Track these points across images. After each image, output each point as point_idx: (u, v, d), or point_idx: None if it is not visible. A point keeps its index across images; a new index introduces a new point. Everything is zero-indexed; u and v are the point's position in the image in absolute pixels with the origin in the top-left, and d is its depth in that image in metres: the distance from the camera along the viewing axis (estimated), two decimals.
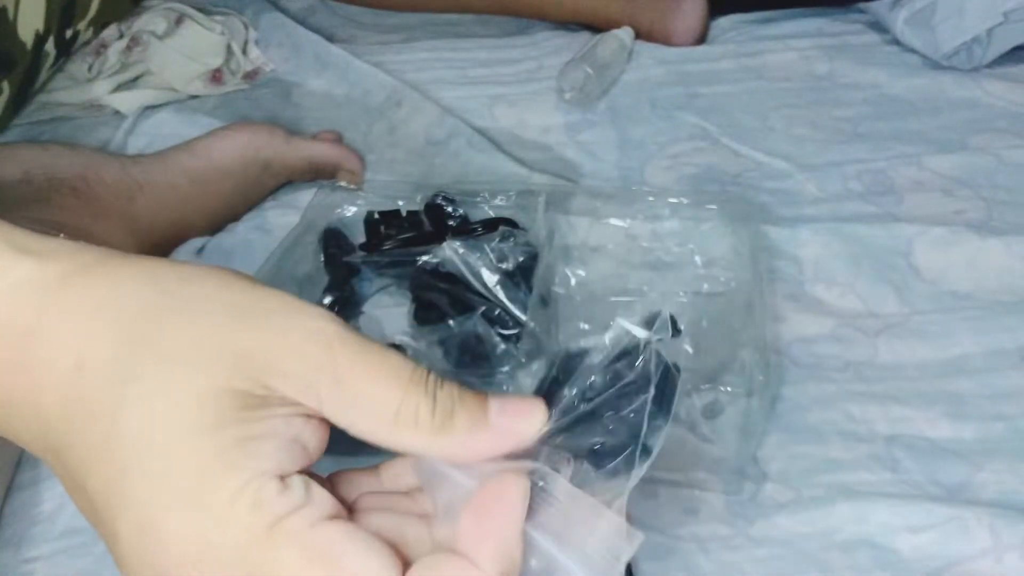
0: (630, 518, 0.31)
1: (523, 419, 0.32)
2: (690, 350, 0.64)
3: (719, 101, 0.93)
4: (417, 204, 0.76)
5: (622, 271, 0.72)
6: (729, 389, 0.64)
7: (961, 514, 0.56)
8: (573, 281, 0.71)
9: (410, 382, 0.31)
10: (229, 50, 0.97)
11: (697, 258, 0.74)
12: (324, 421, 0.32)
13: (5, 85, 0.80)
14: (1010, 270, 0.74)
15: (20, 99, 0.86)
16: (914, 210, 0.79)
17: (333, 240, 0.74)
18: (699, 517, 0.58)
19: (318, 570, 0.29)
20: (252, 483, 0.29)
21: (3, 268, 0.32)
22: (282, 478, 0.30)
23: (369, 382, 0.31)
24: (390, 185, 0.80)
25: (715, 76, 0.96)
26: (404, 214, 0.75)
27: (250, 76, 0.98)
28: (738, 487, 0.59)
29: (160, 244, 0.75)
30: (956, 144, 0.86)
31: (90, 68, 0.94)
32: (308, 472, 0.32)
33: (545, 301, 0.66)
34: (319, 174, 0.83)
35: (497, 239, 0.67)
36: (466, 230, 0.72)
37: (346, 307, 0.70)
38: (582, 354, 0.33)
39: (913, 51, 0.97)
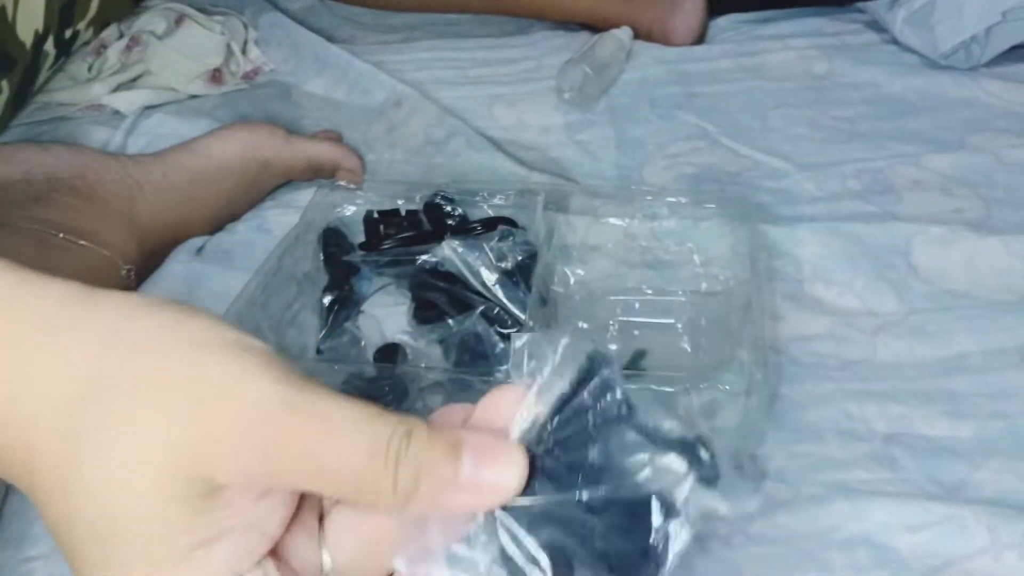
0: None
1: (500, 472, 0.29)
2: (688, 348, 0.64)
3: (718, 101, 0.93)
4: (416, 203, 0.76)
5: (621, 270, 0.73)
6: (727, 388, 0.64)
7: (959, 513, 0.56)
8: (572, 280, 0.71)
9: (367, 457, 0.28)
10: (229, 50, 0.97)
11: (696, 257, 0.74)
12: (284, 492, 0.30)
13: (4, 85, 0.80)
14: (1009, 269, 0.74)
15: (20, 99, 0.86)
16: (913, 209, 0.79)
17: (333, 239, 0.74)
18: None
19: None
20: None
21: None
22: None
23: (323, 456, 0.28)
24: (389, 184, 0.80)
25: (714, 76, 0.96)
26: (403, 213, 0.76)
27: (250, 76, 0.98)
28: (737, 486, 0.59)
29: (160, 244, 0.75)
30: (954, 143, 0.87)
31: (90, 68, 0.94)
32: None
33: (544, 300, 0.66)
34: (318, 173, 0.83)
35: (496, 238, 0.68)
36: (465, 229, 0.72)
37: (345, 306, 0.70)
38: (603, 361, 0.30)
39: (912, 50, 0.97)
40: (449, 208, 0.75)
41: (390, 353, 0.66)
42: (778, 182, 0.83)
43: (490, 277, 0.65)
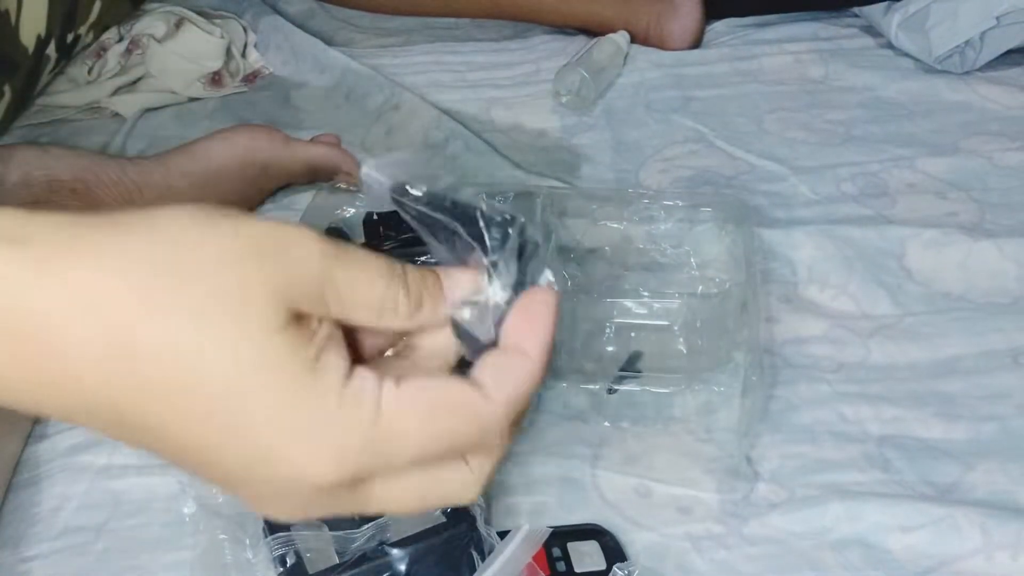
0: None
1: (463, 288, 0.38)
2: (684, 350, 0.65)
3: (714, 104, 0.94)
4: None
5: (617, 272, 0.73)
6: (723, 389, 0.65)
7: (952, 513, 0.57)
8: (569, 283, 0.71)
9: (388, 281, 0.36)
10: (228, 53, 0.97)
11: (692, 260, 0.74)
12: None
13: (7, 88, 0.81)
14: (1002, 272, 0.74)
15: (21, 102, 0.86)
16: (907, 212, 0.80)
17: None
18: (693, 516, 0.58)
19: (433, 418, 0.34)
20: (347, 386, 0.34)
21: None
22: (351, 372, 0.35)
23: (356, 286, 0.35)
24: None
25: (710, 79, 0.97)
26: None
27: (249, 79, 0.99)
28: (731, 487, 0.59)
29: None
30: (949, 147, 0.87)
31: (90, 71, 0.95)
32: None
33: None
34: (317, 176, 0.83)
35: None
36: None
37: None
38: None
39: (907, 55, 0.97)
40: None
41: None
42: (774, 185, 0.84)
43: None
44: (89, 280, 0.32)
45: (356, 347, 0.37)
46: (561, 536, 0.55)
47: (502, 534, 0.54)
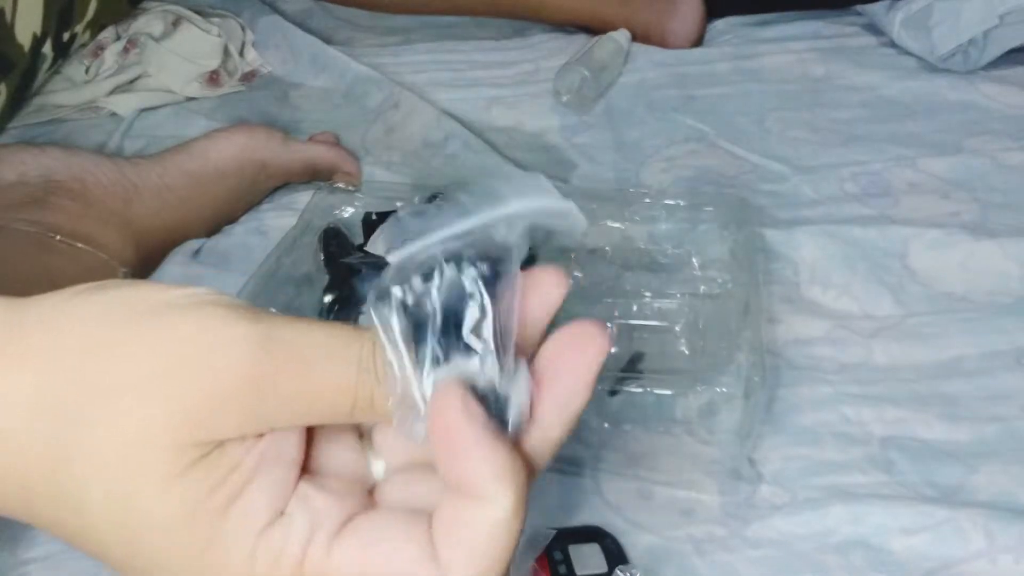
0: None
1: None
2: (686, 351, 0.64)
3: (716, 103, 0.93)
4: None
5: (619, 273, 0.73)
6: (725, 390, 0.64)
7: (955, 516, 0.57)
8: (569, 283, 0.71)
9: (360, 373, 0.28)
10: (226, 52, 0.97)
11: (694, 260, 0.74)
12: None
13: (3, 87, 0.80)
14: (1005, 272, 0.74)
15: (17, 101, 0.86)
16: (910, 212, 0.79)
17: (334, 239, 0.74)
18: (694, 518, 0.58)
19: None
20: (264, 538, 0.28)
21: None
22: (280, 515, 0.29)
23: (317, 383, 0.28)
24: (387, 187, 0.80)
25: (712, 78, 0.96)
26: None
27: (247, 78, 0.98)
28: (733, 489, 0.59)
29: (157, 246, 0.75)
30: (952, 147, 0.87)
31: (87, 70, 0.95)
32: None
33: None
34: (316, 176, 0.83)
35: None
36: None
37: (346, 307, 0.70)
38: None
39: (909, 54, 0.97)
40: None
41: None
42: (775, 185, 0.83)
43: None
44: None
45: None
46: (562, 538, 0.55)
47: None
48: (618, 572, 0.53)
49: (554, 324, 0.31)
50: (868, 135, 0.89)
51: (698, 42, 1.01)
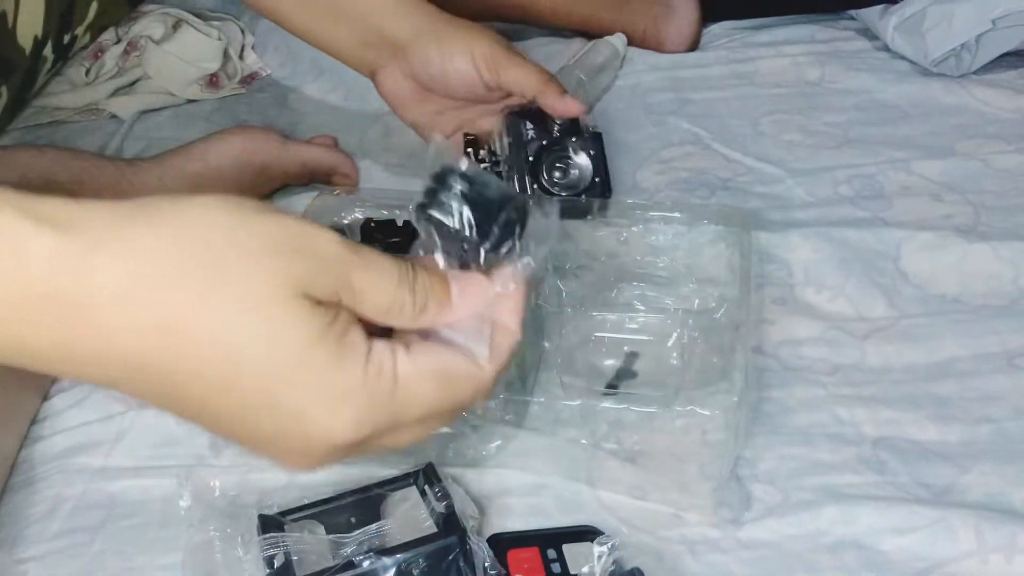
0: None
1: (477, 298, 0.43)
2: (678, 364, 0.64)
3: (711, 107, 0.94)
4: (411, 210, 0.76)
5: (612, 283, 0.72)
6: (717, 392, 0.65)
7: (947, 516, 0.57)
8: (564, 292, 0.71)
9: (397, 286, 0.40)
10: (226, 55, 0.97)
11: (688, 271, 0.74)
12: None
13: (4, 90, 0.81)
14: (997, 274, 0.74)
15: (18, 103, 0.86)
16: (903, 215, 0.80)
17: None
18: (688, 519, 0.58)
19: (440, 385, 0.41)
20: (370, 360, 0.39)
21: (24, 241, 0.35)
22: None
23: (368, 288, 0.39)
24: (384, 191, 0.81)
25: (707, 82, 0.97)
26: (400, 224, 0.76)
27: (247, 81, 0.99)
28: (726, 489, 0.59)
29: None
30: (945, 149, 0.87)
31: (88, 72, 0.95)
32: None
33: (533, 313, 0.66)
34: (314, 178, 0.83)
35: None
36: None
37: None
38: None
39: (903, 57, 0.97)
40: None
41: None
42: (770, 187, 0.84)
43: None
44: (136, 269, 0.36)
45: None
46: (557, 537, 0.55)
47: (492, 540, 0.54)
48: (596, 545, 0.53)
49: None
50: (862, 138, 0.89)
51: (694, 46, 1.02)
